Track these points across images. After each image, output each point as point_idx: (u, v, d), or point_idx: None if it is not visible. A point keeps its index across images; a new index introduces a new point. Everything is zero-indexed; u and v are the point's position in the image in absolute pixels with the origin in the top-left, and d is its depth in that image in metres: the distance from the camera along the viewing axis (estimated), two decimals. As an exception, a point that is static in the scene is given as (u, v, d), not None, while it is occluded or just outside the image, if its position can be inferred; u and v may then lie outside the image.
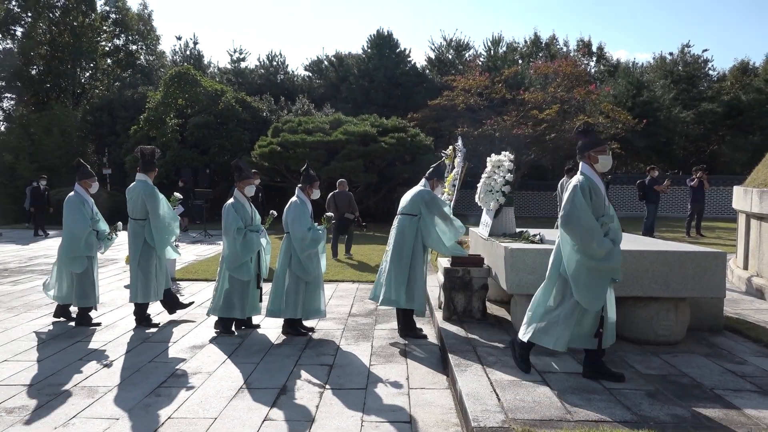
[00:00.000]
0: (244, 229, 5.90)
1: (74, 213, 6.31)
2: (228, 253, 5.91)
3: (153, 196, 6.24)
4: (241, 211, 5.98)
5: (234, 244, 5.83)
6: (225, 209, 5.98)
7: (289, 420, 3.90)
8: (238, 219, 5.89)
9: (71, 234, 6.27)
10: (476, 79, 24.11)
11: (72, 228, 6.28)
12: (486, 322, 6.14)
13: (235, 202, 6.02)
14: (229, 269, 5.90)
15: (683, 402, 3.93)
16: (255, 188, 6.27)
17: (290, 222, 5.88)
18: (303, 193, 6.04)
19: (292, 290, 5.82)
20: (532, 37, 39.01)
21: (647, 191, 14.69)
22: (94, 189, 6.58)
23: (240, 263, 5.87)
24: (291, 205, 5.96)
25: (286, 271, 5.88)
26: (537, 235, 5.97)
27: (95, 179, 6.62)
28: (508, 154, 6.51)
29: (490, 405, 3.83)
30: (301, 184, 6.06)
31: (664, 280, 5.19)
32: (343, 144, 19.61)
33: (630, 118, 23.97)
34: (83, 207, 6.37)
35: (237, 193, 6.09)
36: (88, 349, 5.49)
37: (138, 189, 6.27)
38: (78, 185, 6.49)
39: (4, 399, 4.23)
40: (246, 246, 5.84)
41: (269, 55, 36.71)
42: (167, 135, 23.35)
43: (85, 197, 6.48)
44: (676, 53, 36.23)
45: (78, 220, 6.28)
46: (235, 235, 5.83)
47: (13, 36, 31.60)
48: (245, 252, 5.85)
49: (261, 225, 6.17)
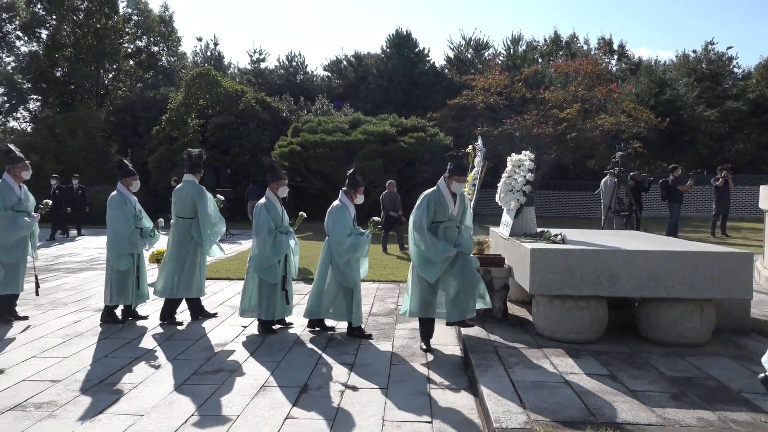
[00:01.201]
0: (275, 230, 5.91)
1: (117, 211, 6.40)
2: (257, 254, 5.92)
3: (202, 195, 6.38)
4: (272, 211, 5.98)
5: (264, 245, 5.83)
6: (257, 209, 5.98)
7: (310, 418, 3.92)
8: (269, 220, 5.89)
9: (115, 232, 6.37)
10: (496, 78, 24.01)
11: (115, 226, 6.38)
12: (507, 322, 6.11)
13: (267, 202, 6.03)
14: (257, 271, 5.92)
15: (709, 405, 3.87)
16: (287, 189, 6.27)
17: (330, 225, 5.87)
18: (346, 197, 5.99)
19: (331, 293, 5.84)
20: (552, 36, 38.78)
21: (670, 191, 14.48)
22: (136, 187, 6.65)
23: (268, 265, 5.89)
24: (333, 209, 5.93)
25: (326, 273, 5.87)
26: (558, 235, 5.93)
27: (137, 177, 6.70)
28: (528, 153, 6.47)
29: (512, 406, 3.82)
30: (345, 188, 6.02)
31: (689, 281, 5.11)
32: (362, 144, 19.67)
33: (652, 116, 23.68)
34: (125, 205, 6.46)
35: (269, 193, 6.09)
36: (113, 347, 5.57)
37: (187, 189, 6.42)
38: (120, 184, 6.58)
39: (33, 394, 4.31)
40: (275, 248, 5.85)
41: (289, 56, 37.01)
42: (189, 135, 23.60)
43: (128, 195, 6.56)
44: (699, 51, 35.76)
45: (120, 218, 6.38)
46: (266, 236, 5.83)
47: (39, 39, 32.26)
48: (274, 254, 5.86)
49: (290, 226, 6.18)
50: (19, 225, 6.45)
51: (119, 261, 6.37)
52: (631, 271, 5.14)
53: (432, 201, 5.34)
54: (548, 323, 5.37)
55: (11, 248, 6.47)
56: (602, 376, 4.41)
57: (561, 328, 5.30)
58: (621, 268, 5.14)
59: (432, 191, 5.41)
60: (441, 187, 5.41)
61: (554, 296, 5.28)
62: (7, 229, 6.39)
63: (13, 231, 6.43)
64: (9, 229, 6.40)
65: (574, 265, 5.18)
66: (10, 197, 6.47)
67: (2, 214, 6.38)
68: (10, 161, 6.56)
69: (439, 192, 5.38)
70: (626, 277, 5.14)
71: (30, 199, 6.71)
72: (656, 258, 5.13)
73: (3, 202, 6.42)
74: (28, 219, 6.55)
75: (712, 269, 5.11)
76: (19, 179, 6.59)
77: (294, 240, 6.18)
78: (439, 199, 5.35)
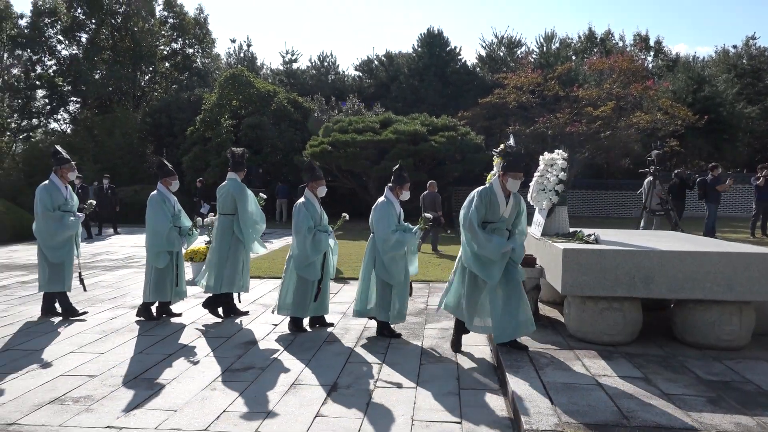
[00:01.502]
0: (314, 228, 5.96)
1: (156, 210, 6.56)
2: (297, 253, 5.97)
3: (242, 193, 6.51)
4: (311, 210, 6.04)
5: (304, 243, 5.89)
6: (296, 208, 6.05)
7: (339, 417, 3.94)
8: (308, 218, 5.95)
9: (154, 231, 6.53)
10: (528, 76, 23.74)
11: (154, 225, 6.54)
12: (539, 323, 6.01)
13: (306, 201, 6.08)
14: (297, 268, 5.98)
15: (748, 410, 3.76)
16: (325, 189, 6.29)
17: (375, 222, 5.81)
18: (392, 193, 5.94)
19: (379, 293, 5.79)
20: (587, 33, 38.14)
21: (708, 190, 14.11)
22: (175, 187, 6.79)
23: (308, 263, 5.95)
24: (378, 205, 5.88)
25: (370, 271, 5.85)
26: (592, 235, 5.83)
27: (176, 177, 6.84)
28: (561, 152, 6.38)
29: (542, 407, 3.77)
30: (391, 184, 5.97)
31: (728, 282, 4.97)
32: (393, 143, 19.67)
33: (690, 114, 23.10)
34: (164, 204, 6.61)
35: (308, 193, 6.15)
36: (147, 343, 5.70)
37: (228, 186, 6.57)
38: (160, 183, 6.74)
39: (71, 389, 4.43)
40: (315, 246, 5.92)
41: (320, 56, 37.24)
42: (222, 135, 23.96)
43: (167, 195, 6.71)
44: (740, 46, 34.76)
45: (159, 217, 6.53)
46: (306, 234, 5.89)
47: (78, 42, 33.11)
48: (314, 252, 5.92)
49: (329, 226, 6.20)
50: (66, 225, 6.61)
51: (157, 259, 6.52)
52: (666, 272, 5.02)
53: (483, 199, 5.07)
54: (580, 324, 5.30)
55: (58, 248, 6.64)
56: (636, 378, 4.33)
57: (593, 330, 5.21)
58: (656, 268, 5.03)
59: (484, 188, 5.16)
60: (494, 184, 5.13)
61: (587, 297, 5.20)
62: (55, 229, 6.57)
63: (61, 231, 6.60)
64: (56, 229, 6.58)
65: (608, 265, 5.09)
66: (57, 197, 6.64)
67: (50, 214, 6.55)
68: (57, 162, 6.73)
69: (492, 190, 5.11)
70: (661, 278, 5.03)
71: (75, 199, 6.88)
72: (693, 259, 5.01)
73: (51, 203, 6.58)
74: (74, 219, 6.71)
75: (752, 270, 4.96)
76: (65, 180, 6.77)
77: (333, 239, 6.20)
78: (491, 198, 5.08)
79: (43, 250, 6.62)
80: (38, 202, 6.56)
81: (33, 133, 35.25)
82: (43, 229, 6.58)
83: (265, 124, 24.18)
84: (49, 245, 6.61)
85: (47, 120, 35.13)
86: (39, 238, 6.64)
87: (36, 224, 6.65)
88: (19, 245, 14.39)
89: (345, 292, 8.32)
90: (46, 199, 6.55)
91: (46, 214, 6.53)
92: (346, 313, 7.00)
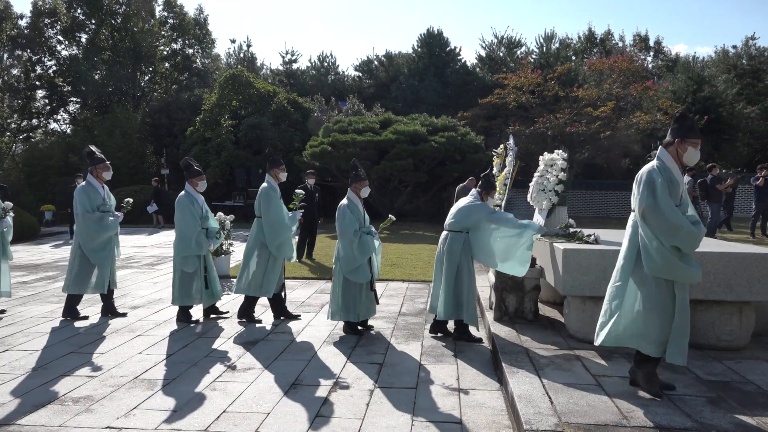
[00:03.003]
0: (359, 231, 5.89)
1: (184, 213, 6.45)
2: (344, 255, 5.87)
3: (267, 196, 6.37)
4: (355, 212, 5.95)
5: (351, 246, 5.80)
6: (340, 211, 5.94)
7: (339, 417, 3.94)
8: (354, 222, 5.86)
9: (182, 234, 6.44)
10: (528, 76, 23.71)
11: (183, 228, 6.45)
12: (538, 323, 6.04)
13: (350, 203, 5.98)
14: (346, 272, 5.88)
15: (748, 410, 3.76)
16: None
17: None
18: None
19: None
20: (587, 33, 38.08)
21: (709, 190, 14.13)
22: (202, 187, 6.66)
23: (356, 266, 5.87)
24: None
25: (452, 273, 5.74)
26: (591, 236, 5.83)
27: (203, 177, 6.70)
28: (561, 152, 6.38)
29: (542, 408, 3.77)
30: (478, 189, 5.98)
31: (728, 282, 4.97)
32: (393, 143, 19.67)
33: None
34: (192, 207, 6.50)
35: (351, 194, 6.05)
36: (147, 343, 5.70)
37: (260, 188, 6.48)
38: (187, 184, 6.63)
39: (71, 389, 4.43)
40: (362, 249, 5.82)
41: (320, 56, 37.21)
42: (222, 136, 23.96)
43: (195, 196, 6.60)
44: (740, 46, 34.72)
45: (188, 220, 6.43)
46: (352, 237, 5.80)
47: (78, 42, 33.09)
48: (361, 255, 5.82)
49: (372, 227, 6.13)
50: (106, 225, 6.59)
51: (186, 263, 6.44)
52: (666, 273, 5.01)
53: (665, 176, 3.85)
54: (580, 325, 5.30)
55: (99, 249, 6.60)
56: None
57: (593, 330, 5.19)
58: (656, 269, 5.02)
59: (653, 166, 3.92)
60: (665, 158, 3.95)
61: (587, 297, 5.20)
62: (96, 230, 6.54)
63: (102, 231, 6.57)
64: (97, 230, 6.55)
65: (608, 266, 5.07)
66: (95, 198, 6.62)
67: (90, 216, 6.52)
68: (92, 162, 6.69)
69: (664, 166, 3.91)
70: (661, 279, 5.02)
71: (112, 199, 6.85)
72: (693, 259, 5.00)
73: (90, 204, 6.55)
74: (113, 218, 6.69)
75: (752, 271, 4.96)
76: (101, 180, 6.73)
77: (378, 240, 6.09)
78: (670, 175, 3.89)
79: (85, 252, 6.56)
80: (77, 204, 6.53)
81: (33, 133, 35.26)
82: (84, 231, 6.54)
83: (264, 125, 24.18)
84: (90, 247, 6.56)
85: (47, 120, 35.14)
86: (80, 240, 6.59)
87: (77, 226, 6.64)
88: (19, 245, 14.39)
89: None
90: (84, 201, 6.52)
91: (86, 216, 6.50)
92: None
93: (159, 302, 7.59)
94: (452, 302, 5.65)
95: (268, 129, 24.17)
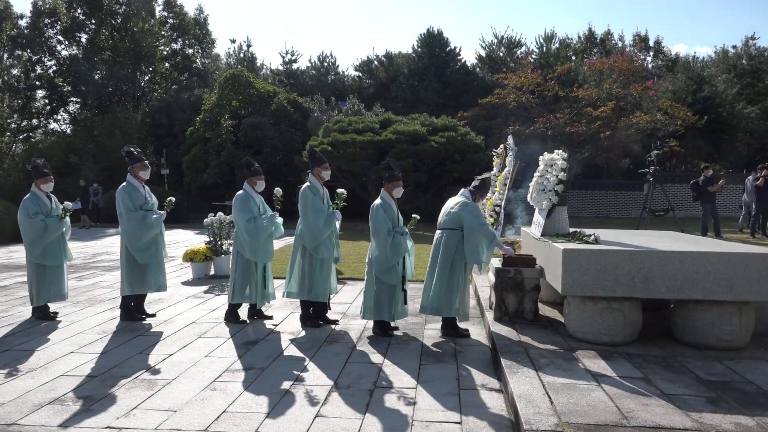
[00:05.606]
0: (393, 231, 5.82)
1: (243, 209, 6.40)
2: (377, 255, 5.82)
3: (304, 196, 6.26)
4: (389, 211, 5.89)
5: (384, 246, 5.75)
6: (374, 210, 5.88)
7: (339, 417, 3.94)
8: (387, 221, 5.80)
9: (240, 231, 6.41)
10: (528, 76, 23.72)
11: (248, 225, 6.36)
12: (538, 323, 6.04)
13: (383, 203, 5.92)
14: (378, 272, 5.83)
15: (748, 410, 3.76)
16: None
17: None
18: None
19: None
20: (587, 33, 38.05)
21: (701, 191, 14.20)
22: (260, 186, 6.58)
23: (389, 266, 5.80)
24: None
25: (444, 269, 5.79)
26: (591, 236, 5.83)
27: (262, 177, 6.62)
28: (561, 152, 6.38)
29: (542, 408, 3.77)
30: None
31: (727, 282, 4.97)
32: (393, 143, 19.67)
33: (690, 114, 23.10)
34: (250, 203, 6.46)
35: (384, 194, 5.98)
36: (147, 343, 5.70)
37: (300, 190, 6.38)
38: (246, 183, 6.57)
39: (71, 389, 4.44)
40: (395, 249, 5.75)
41: (320, 56, 37.18)
42: (222, 136, 23.98)
43: (252, 194, 6.53)
44: (739, 46, 34.72)
45: (248, 215, 6.38)
46: (386, 237, 5.75)
47: (78, 42, 33.10)
48: (394, 255, 5.75)
49: (404, 227, 6.05)
50: (150, 224, 6.53)
51: (257, 254, 6.39)
52: (666, 273, 5.03)
53: None
54: (580, 325, 5.30)
55: (144, 249, 6.55)
56: (635, 379, 4.33)
57: (593, 330, 5.22)
58: (656, 269, 5.03)
59: None
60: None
61: (587, 297, 5.20)
62: (140, 229, 6.48)
63: (146, 230, 6.51)
64: (142, 229, 6.49)
65: (608, 266, 5.09)
66: (137, 197, 6.58)
67: (133, 215, 6.47)
68: (131, 161, 6.65)
69: None
70: (661, 279, 5.03)
71: (153, 198, 6.80)
72: (692, 259, 5.01)
73: (132, 203, 6.52)
74: (156, 216, 6.63)
75: (752, 271, 4.96)
76: (140, 179, 6.69)
77: (410, 240, 6.02)
78: None
79: (132, 252, 6.53)
80: (120, 204, 6.52)
81: (33, 133, 35.26)
82: (129, 231, 6.50)
83: (264, 125, 24.19)
84: (136, 247, 6.51)
85: (47, 120, 35.14)
86: (126, 240, 6.56)
87: (121, 227, 6.61)
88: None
89: (345, 292, 8.32)
90: (126, 200, 6.51)
91: (130, 215, 6.48)
92: (346, 313, 7.00)
93: (159, 302, 7.59)
94: (443, 297, 5.71)
95: (268, 129, 24.17)
